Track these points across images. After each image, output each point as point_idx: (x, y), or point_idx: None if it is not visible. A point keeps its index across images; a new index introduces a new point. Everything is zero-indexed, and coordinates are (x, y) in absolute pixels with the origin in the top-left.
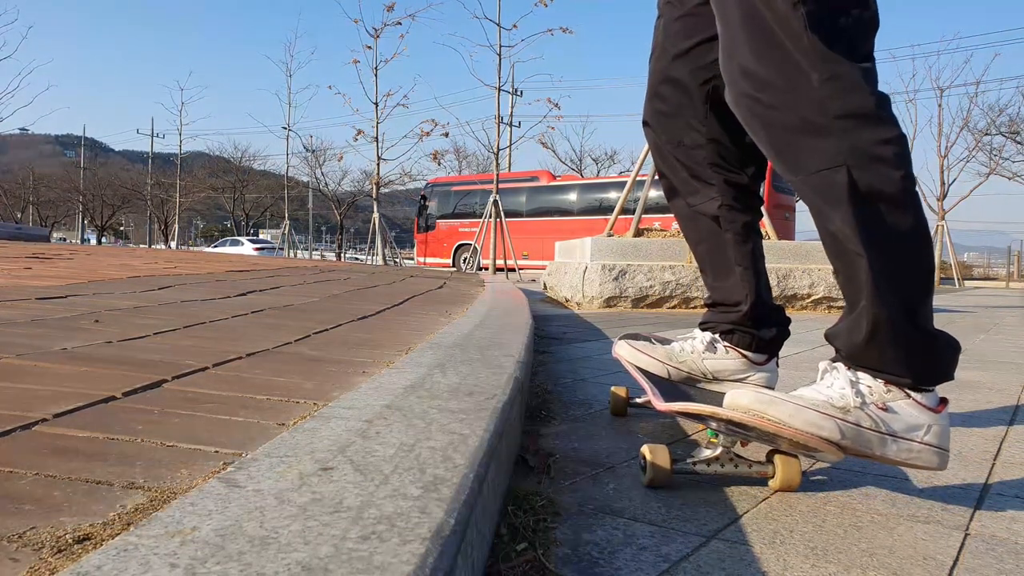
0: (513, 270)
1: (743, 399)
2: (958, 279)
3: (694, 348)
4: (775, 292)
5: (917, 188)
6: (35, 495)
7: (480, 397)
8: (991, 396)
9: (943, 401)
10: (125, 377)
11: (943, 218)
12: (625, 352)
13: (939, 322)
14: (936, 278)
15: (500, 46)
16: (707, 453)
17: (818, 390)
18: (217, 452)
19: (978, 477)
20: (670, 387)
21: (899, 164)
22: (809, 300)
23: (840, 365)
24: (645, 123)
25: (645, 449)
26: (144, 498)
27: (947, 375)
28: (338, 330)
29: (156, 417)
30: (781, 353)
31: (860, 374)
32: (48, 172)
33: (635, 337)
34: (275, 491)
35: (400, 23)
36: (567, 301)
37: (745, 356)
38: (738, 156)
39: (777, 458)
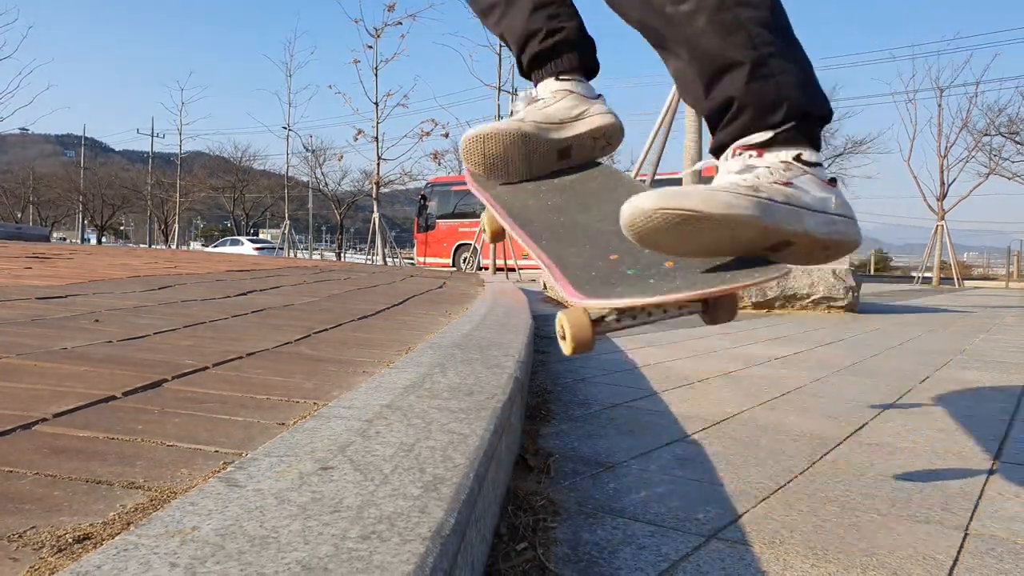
0: (513, 270)
1: (647, 202)
2: (958, 279)
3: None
4: (775, 292)
5: None
6: (35, 494)
7: (480, 397)
8: (991, 396)
9: (832, 180)
10: (125, 377)
11: (943, 218)
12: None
13: (939, 322)
14: (936, 278)
15: (500, 46)
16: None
17: (720, 180)
18: (217, 452)
19: (978, 477)
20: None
21: None
22: (809, 300)
23: (729, 152)
24: None
25: (561, 316)
26: (144, 498)
27: (827, 118)
28: (338, 330)
29: (156, 417)
30: (779, 353)
31: (752, 154)
32: (48, 172)
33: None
34: (275, 491)
35: (400, 23)
36: (567, 301)
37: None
38: None
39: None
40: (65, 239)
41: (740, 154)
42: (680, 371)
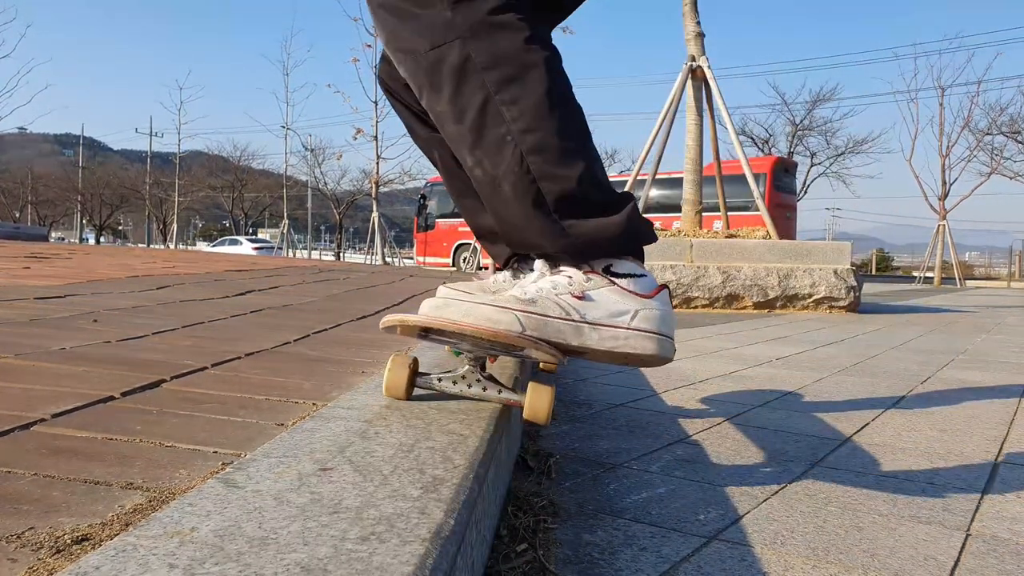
0: None
1: (424, 307)
2: (959, 279)
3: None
4: (776, 292)
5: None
6: (33, 495)
7: None
8: (992, 396)
9: (662, 287)
10: (124, 377)
11: (944, 217)
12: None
13: (941, 322)
14: (938, 278)
15: None
16: (456, 371)
17: (512, 287)
18: (216, 452)
19: (979, 477)
20: None
21: (520, 28)
22: (811, 300)
23: (539, 263)
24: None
25: (392, 358)
26: (143, 498)
27: (647, 238)
28: (337, 330)
29: (155, 417)
30: (780, 354)
31: (560, 268)
32: (46, 171)
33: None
34: (274, 491)
35: None
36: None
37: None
38: None
39: (529, 385)
40: (63, 239)
41: (550, 266)
42: (681, 371)
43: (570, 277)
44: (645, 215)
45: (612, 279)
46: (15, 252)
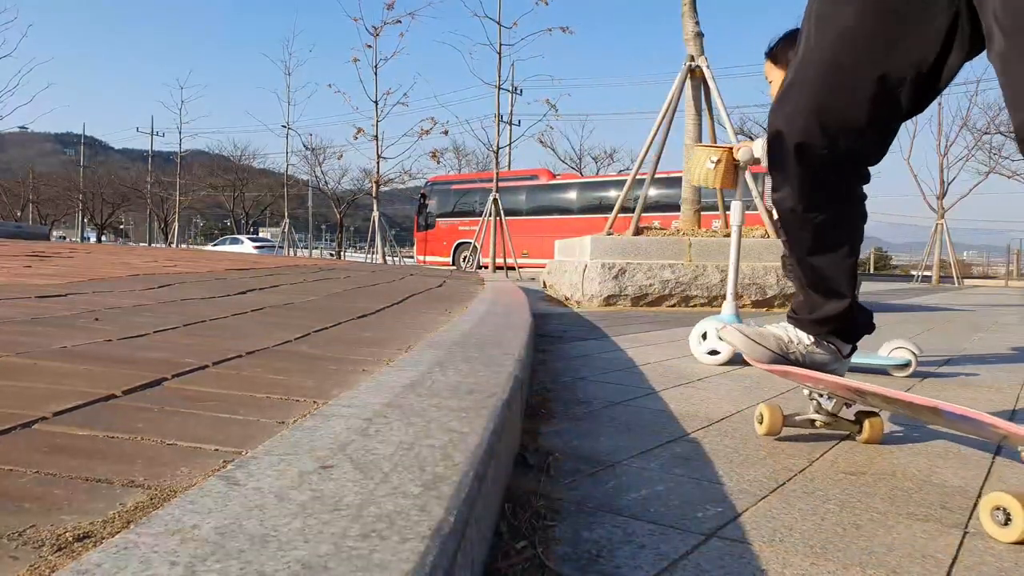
0: (513, 268)
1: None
2: (957, 278)
3: (800, 340)
4: (774, 291)
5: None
6: (35, 493)
7: (480, 395)
8: (990, 395)
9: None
10: (125, 375)
11: (943, 216)
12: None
13: (939, 320)
14: (936, 276)
15: (500, 44)
16: (811, 415)
17: (778, 328)
18: (217, 450)
19: (977, 475)
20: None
21: None
22: None
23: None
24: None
25: (762, 407)
26: (144, 496)
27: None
28: (338, 328)
29: (156, 415)
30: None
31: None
32: (48, 170)
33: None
34: (275, 489)
35: (400, 21)
36: (567, 299)
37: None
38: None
39: (866, 420)
40: (65, 238)
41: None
42: (680, 369)
43: (811, 340)
44: (644, 214)
45: (831, 343)
46: (16, 251)
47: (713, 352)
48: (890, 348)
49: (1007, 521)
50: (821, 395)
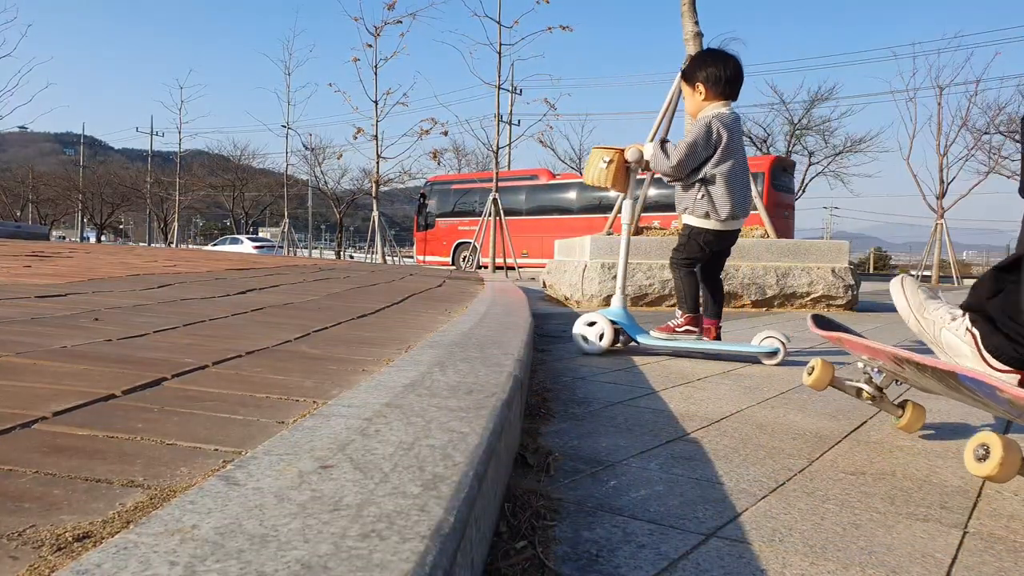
0: (513, 268)
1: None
2: (957, 278)
3: (943, 317)
4: (774, 291)
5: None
6: (35, 493)
7: (480, 395)
8: None
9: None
10: (125, 375)
11: (942, 216)
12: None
13: None
14: (935, 276)
15: (500, 44)
16: (861, 384)
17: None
18: (217, 450)
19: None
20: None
21: None
22: (808, 298)
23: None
24: None
25: (816, 360)
26: (144, 496)
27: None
28: (338, 328)
29: (156, 415)
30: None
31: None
32: (47, 170)
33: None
34: (275, 489)
35: (400, 21)
36: (567, 299)
37: (980, 352)
38: None
39: (909, 404)
40: (64, 237)
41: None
42: (679, 370)
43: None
44: (644, 214)
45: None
46: (16, 251)
47: (601, 336)
48: (760, 338)
49: (985, 456)
50: (873, 368)
